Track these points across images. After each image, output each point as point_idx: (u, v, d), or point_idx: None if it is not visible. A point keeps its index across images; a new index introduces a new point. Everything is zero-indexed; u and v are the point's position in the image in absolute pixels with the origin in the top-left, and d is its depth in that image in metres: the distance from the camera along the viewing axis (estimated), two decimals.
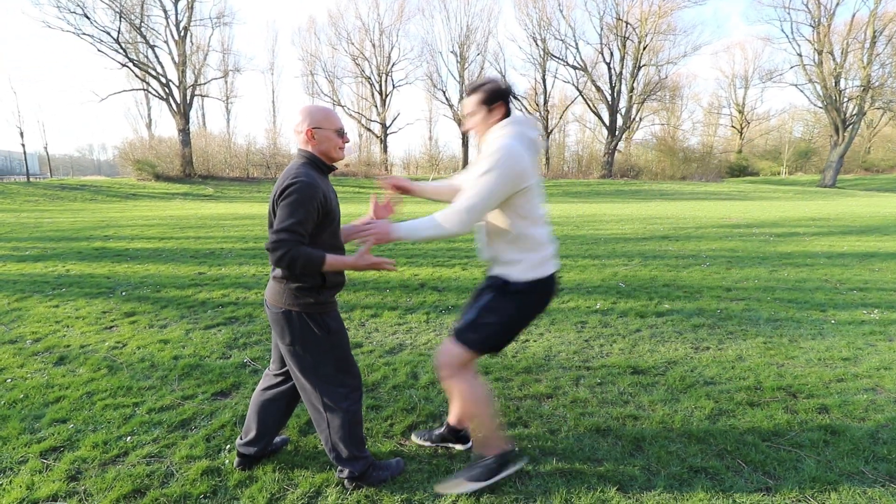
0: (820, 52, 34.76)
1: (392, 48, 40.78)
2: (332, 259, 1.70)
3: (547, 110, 41.59)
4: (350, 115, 42.37)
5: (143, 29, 28.86)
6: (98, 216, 13.56)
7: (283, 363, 1.96)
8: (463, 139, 41.00)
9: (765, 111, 57.96)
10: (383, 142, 40.68)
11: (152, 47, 29.84)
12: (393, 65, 40.74)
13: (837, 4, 34.02)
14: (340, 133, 1.83)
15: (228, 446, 2.20)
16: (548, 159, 42.17)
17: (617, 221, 11.28)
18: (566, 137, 48.06)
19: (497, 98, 1.82)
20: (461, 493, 1.87)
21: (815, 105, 38.02)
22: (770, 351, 3.37)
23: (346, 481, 1.91)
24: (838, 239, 8.43)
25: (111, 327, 3.92)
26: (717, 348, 3.45)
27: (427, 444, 2.23)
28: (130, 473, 1.99)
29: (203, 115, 42.68)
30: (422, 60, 54.34)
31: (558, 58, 39.60)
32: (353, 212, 12.52)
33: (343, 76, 42.40)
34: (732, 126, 49.71)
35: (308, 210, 1.64)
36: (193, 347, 3.44)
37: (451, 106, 41.30)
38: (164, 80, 29.92)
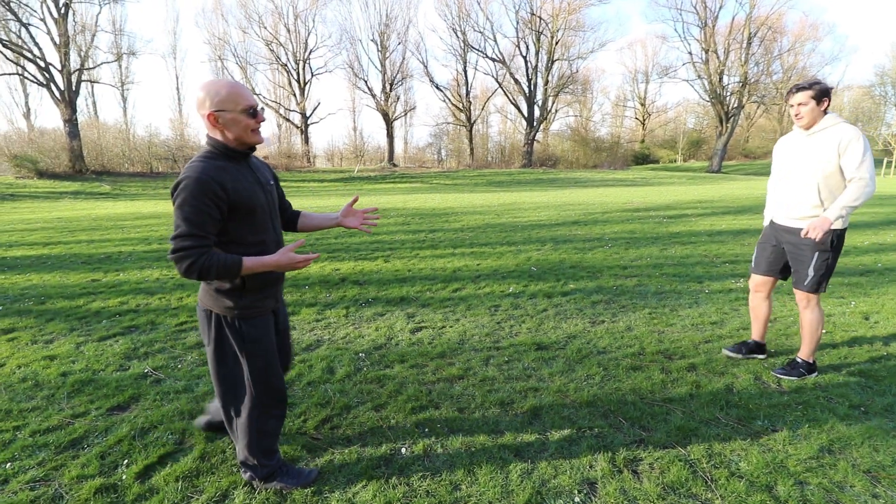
0: (706, 51, 38.72)
1: (309, 34, 39.01)
2: (249, 262, 1.56)
3: (469, 101, 42.27)
4: (267, 105, 40.10)
5: (12, 4, 24.90)
6: None
7: None
8: (387, 131, 40.51)
9: (663, 104, 63.27)
10: (304, 132, 39.02)
11: (26, 25, 25.81)
12: (310, 52, 39.02)
13: (721, 7, 38.11)
14: (251, 112, 1.58)
15: (126, 461, 2.10)
16: (472, 150, 43.01)
17: (534, 209, 11.88)
18: (489, 128, 49.36)
19: (826, 95, 2.54)
20: (791, 380, 2.80)
21: (703, 99, 42.25)
22: (654, 320, 3.82)
23: (254, 481, 1.91)
24: (718, 218, 9.58)
25: None
26: (610, 321, 3.83)
27: (738, 356, 3.07)
28: (11, 501, 1.84)
29: (94, 103, 37.97)
30: (341, 48, 52.83)
31: (478, 50, 40.32)
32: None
33: (256, 62, 39.88)
34: (636, 118, 54.03)
35: (201, 209, 1.48)
36: (85, 361, 3.17)
37: (373, 96, 40.50)
38: (42, 64, 26.06)
